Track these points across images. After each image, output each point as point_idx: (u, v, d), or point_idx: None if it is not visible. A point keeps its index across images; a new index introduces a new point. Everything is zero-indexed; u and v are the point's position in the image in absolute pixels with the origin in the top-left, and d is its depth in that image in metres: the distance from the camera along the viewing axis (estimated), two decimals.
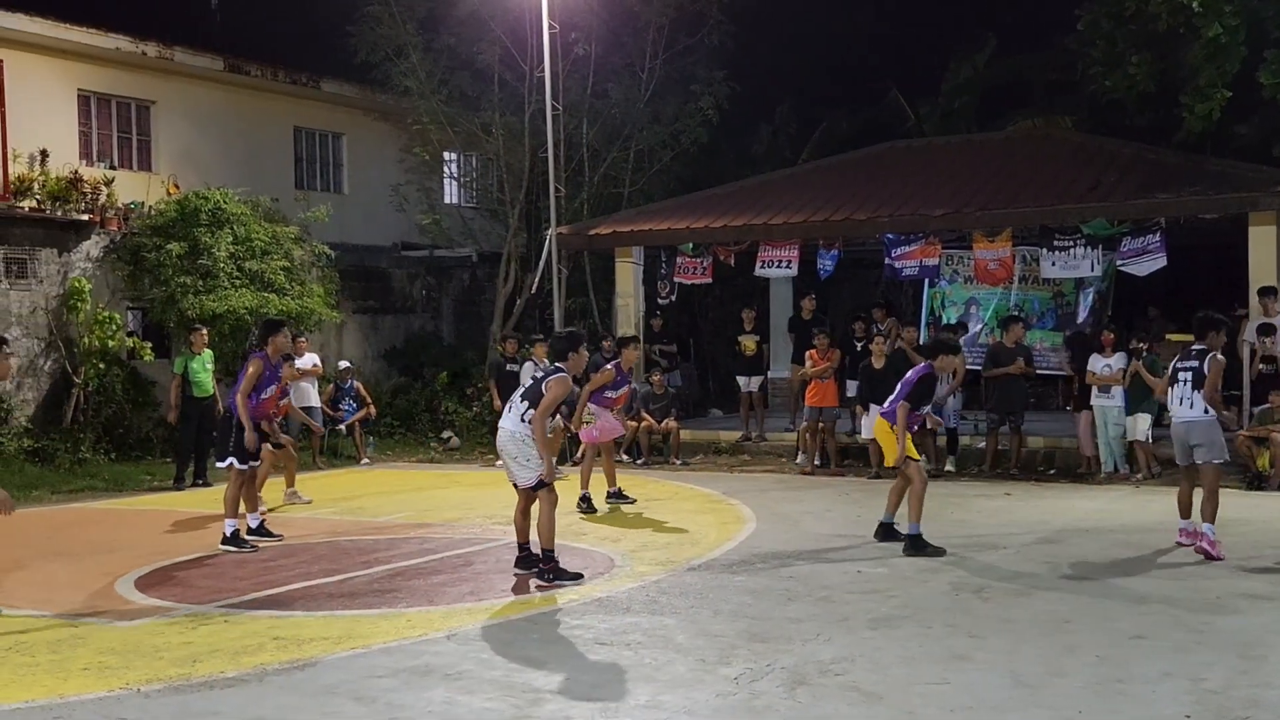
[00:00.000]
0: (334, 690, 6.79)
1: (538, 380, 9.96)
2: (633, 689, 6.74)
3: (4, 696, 6.73)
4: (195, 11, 27.52)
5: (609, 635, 7.89)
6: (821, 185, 20.02)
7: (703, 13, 23.11)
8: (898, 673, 6.98)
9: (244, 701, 6.62)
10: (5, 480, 15.44)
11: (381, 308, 23.95)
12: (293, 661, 7.35)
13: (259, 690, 6.83)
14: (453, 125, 23.25)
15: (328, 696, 6.69)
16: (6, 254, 18.11)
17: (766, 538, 11.61)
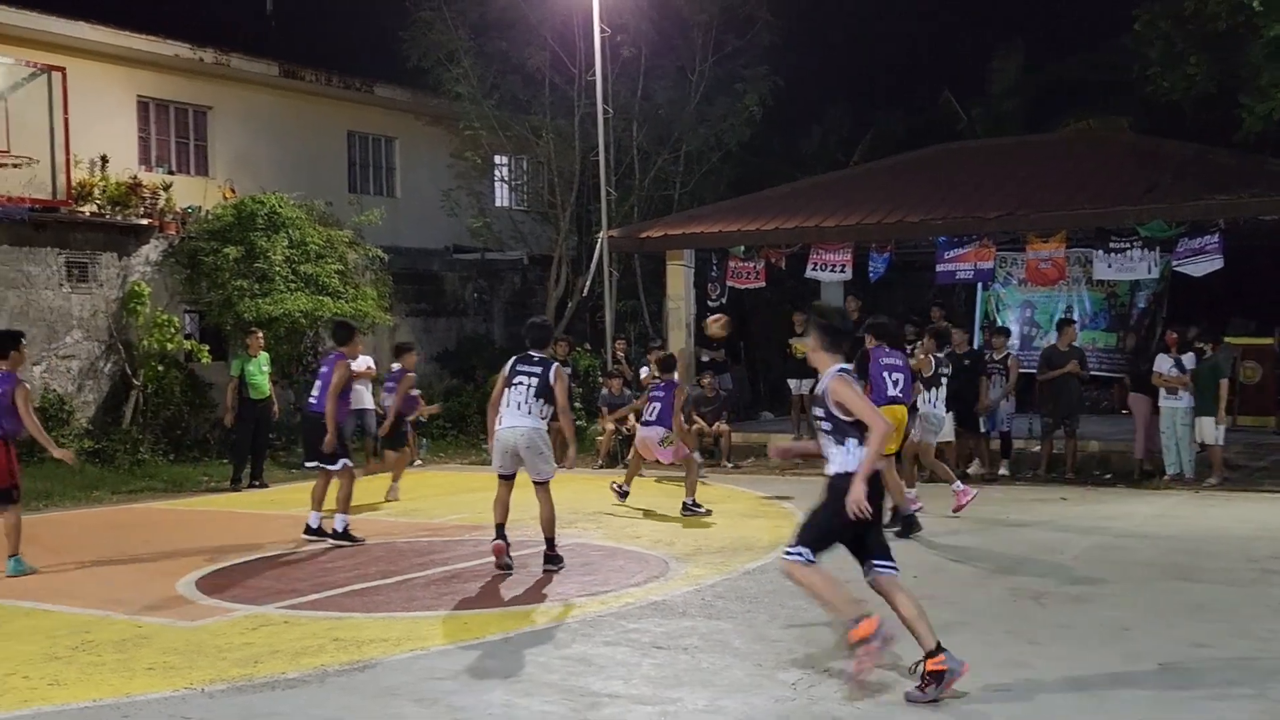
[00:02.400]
0: (394, 692, 6.85)
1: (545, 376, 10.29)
2: (690, 693, 6.75)
3: (73, 695, 6.84)
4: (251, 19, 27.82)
5: (665, 639, 7.90)
6: (873, 187, 19.94)
7: (752, 14, 23.09)
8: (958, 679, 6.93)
9: (306, 702, 6.69)
10: (66, 480, 15.80)
11: (434, 310, 24.11)
12: (353, 663, 7.42)
13: (320, 691, 6.90)
14: (503, 129, 23.37)
15: (388, 698, 6.75)
16: (68, 258, 18.39)
17: None
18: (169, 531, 12.98)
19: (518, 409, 10.27)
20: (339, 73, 23.70)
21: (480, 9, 22.90)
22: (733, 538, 11.86)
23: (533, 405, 10.26)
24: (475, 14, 22.93)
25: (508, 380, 10.38)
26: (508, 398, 10.34)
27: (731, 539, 11.78)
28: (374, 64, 24.84)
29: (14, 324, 17.62)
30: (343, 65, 24.13)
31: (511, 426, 10.28)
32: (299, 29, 27.34)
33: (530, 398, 10.27)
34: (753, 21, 23.17)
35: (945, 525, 12.45)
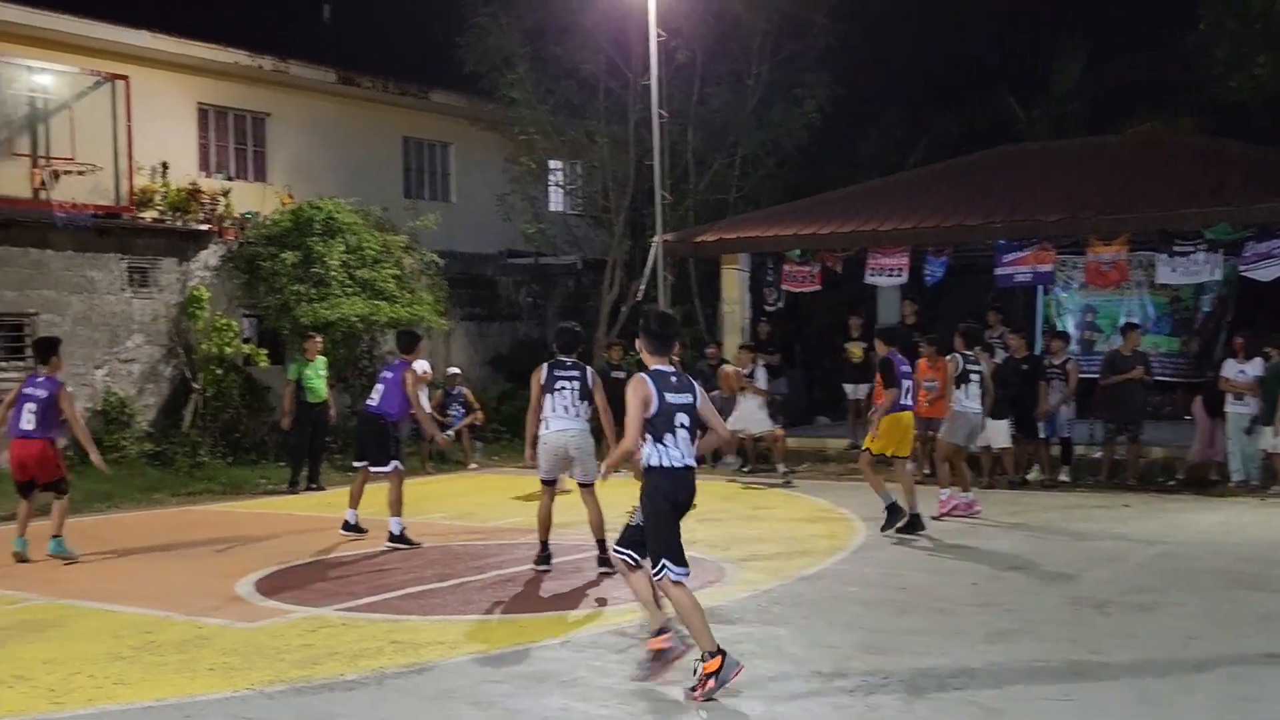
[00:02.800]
0: (452, 695, 6.85)
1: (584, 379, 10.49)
2: (747, 699, 6.70)
3: (137, 694, 6.91)
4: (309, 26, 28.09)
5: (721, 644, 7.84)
6: (931, 190, 19.80)
7: (809, 18, 22.99)
8: (1018, 688, 6.85)
9: (364, 705, 6.71)
10: (127, 482, 16.00)
11: (488, 315, 24.19)
12: (410, 665, 7.43)
13: (378, 693, 6.92)
14: (558, 134, 23.42)
15: (446, 700, 6.75)
16: (130, 263, 18.64)
17: (878, 548, 11.50)
18: (228, 533, 13.09)
19: (565, 412, 10.41)
20: (395, 79, 23.86)
21: (536, 14, 22.97)
22: (789, 543, 11.79)
23: (579, 408, 10.46)
24: (531, 19, 23.00)
25: (548, 387, 10.43)
26: (552, 403, 10.41)
27: (787, 544, 11.71)
28: (430, 70, 25.02)
29: (77, 328, 17.92)
30: (399, 71, 24.31)
31: (562, 429, 10.40)
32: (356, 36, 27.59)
33: (575, 400, 10.43)
34: (810, 25, 23.08)
35: (1004, 531, 12.33)
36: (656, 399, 6.93)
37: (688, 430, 7.00)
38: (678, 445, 6.96)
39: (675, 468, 6.97)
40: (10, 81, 14.53)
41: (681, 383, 7.11)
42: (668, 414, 6.94)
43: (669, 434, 6.93)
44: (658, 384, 6.97)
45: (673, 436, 6.94)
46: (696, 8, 22.34)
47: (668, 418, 6.93)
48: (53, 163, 14.67)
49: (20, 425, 11.28)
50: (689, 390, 7.10)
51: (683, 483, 7.02)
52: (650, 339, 7.21)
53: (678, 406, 6.99)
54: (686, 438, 7.00)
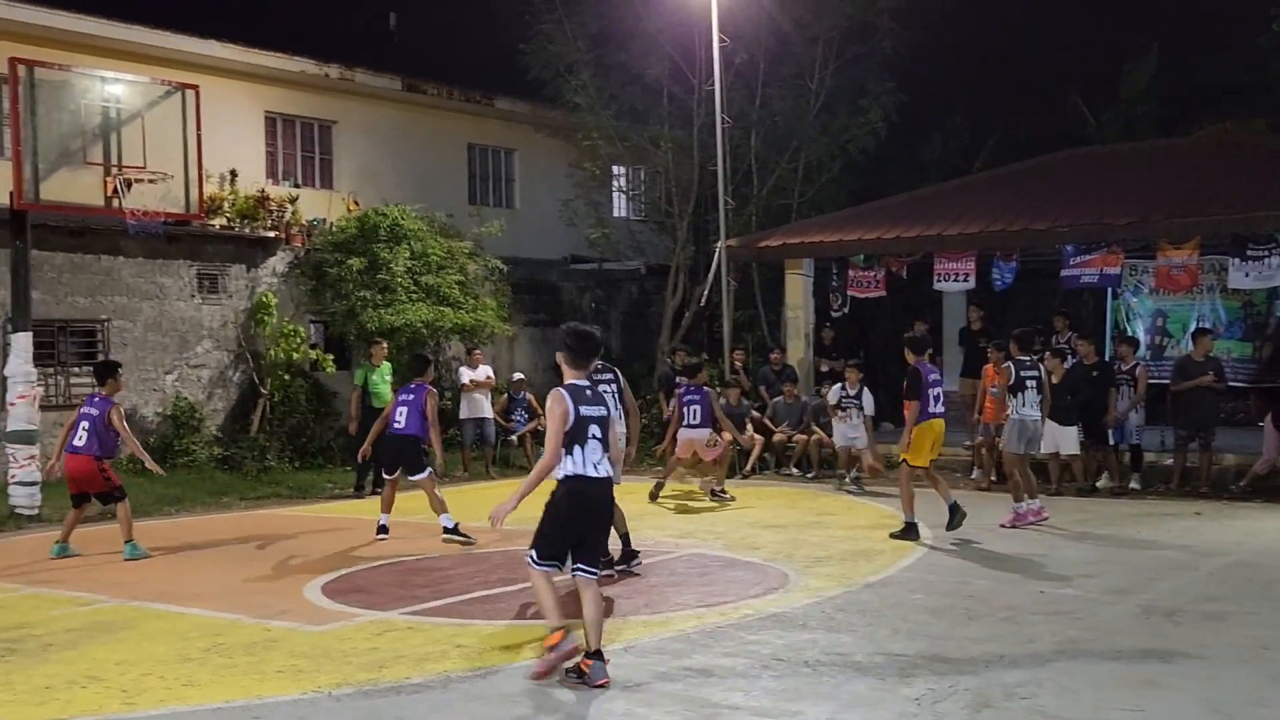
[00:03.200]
0: (516, 699, 6.88)
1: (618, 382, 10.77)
2: (812, 707, 6.67)
3: (206, 696, 7.00)
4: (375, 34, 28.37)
5: (786, 651, 7.82)
6: (997, 194, 19.61)
7: (873, 22, 22.87)
8: (1087, 698, 6.76)
9: (429, 708, 6.75)
10: (196, 486, 16.22)
11: (552, 320, 24.26)
12: (476, 669, 7.47)
13: (444, 697, 6.96)
14: (622, 140, 23.47)
15: (510, 705, 6.78)
16: (199, 270, 18.91)
17: (944, 555, 11.41)
18: (295, 537, 13.22)
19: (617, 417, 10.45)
20: (460, 86, 24.05)
21: (600, 21, 23.05)
22: (854, 550, 11.72)
23: (619, 413, 10.55)
24: (595, 26, 23.08)
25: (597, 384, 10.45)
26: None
27: (852, 551, 11.64)
28: (494, 77, 25.18)
29: (148, 334, 18.21)
30: (464, 78, 24.50)
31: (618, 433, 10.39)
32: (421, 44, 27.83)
33: (615, 405, 10.46)
34: (874, 29, 22.95)
35: (1073, 539, 12.19)
36: (572, 412, 7.24)
37: (599, 441, 7.32)
38: (586, 456, 7.30)
39: (585, 476, 7.29)
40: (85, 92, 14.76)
41: (595, 396, 7.48)
42: (581, 426, 7.27)
43: (579, 445, 7.28)
44: (573, 397, 7.30)
45: (582, 449, 7.29)
46: (760, 13, 22.29)
47: (580, 429, 7.26)
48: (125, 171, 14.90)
49: (74, 441, 12.10)
50: (601, 403, 7.47)
51: (589, 492, 7.34)
52: (570, 354, 7.50)
53: (590, 419, 7.32)
54: (597, 448, 7.32)
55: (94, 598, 9.93)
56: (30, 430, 14.57)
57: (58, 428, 17.00)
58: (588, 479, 7.31)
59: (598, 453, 7.33)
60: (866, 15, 22.82)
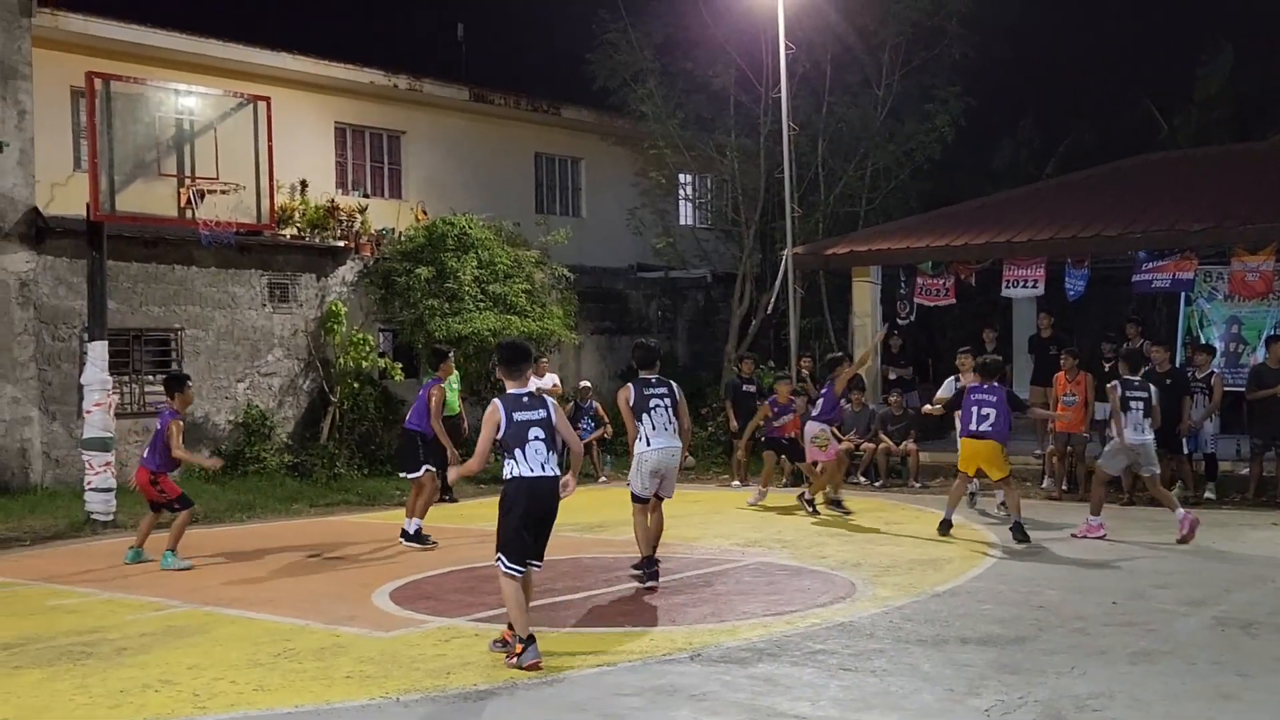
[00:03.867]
0: (582, 707, 6.88)
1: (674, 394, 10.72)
2: (879, 716, 6.60)
3: (276, 700, 7.07)
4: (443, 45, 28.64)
5: (853, 661, 7.76)
6: (1068, 200, 19.39)
7: (941, 27, 22.70)
8: (1160, 710, 6.64)
9: (496, 715, 6.77)
10: (267, 493, 16.41)
11: (618, 328, 24.31)
12: (542, 677, 7.48)
13: (510, 704, 6.97)
14: (688, 148, 23.48)
15: (576, 713, 6.78)
16: (270, 279, 19.16)
17: (1013, 565, 11.27)
18: (364, 543, 13.34)
19: (665, 429, 10.53)
20: (527, 95, 24.19)
21: (666, 30, 23.10)
22: (921, 559, 11.61)
23: (675, 424, 10.61)
24: (661, 35, 23.14)
25: (642, 406, 10.52)
26: (651, 421, 10.49)
27: (920, 560, 11.54)
28: (561, 86, 25.35)
29: (220, 343, 18.47)
30: (530, 88, 24.66)
31: (665, 446, 10.51)
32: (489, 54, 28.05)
33: (671, 417, 10.57)
34: (942, 35, 22.78)
35: (1148, 550, 11.99)
36: (505, 420, 7.78)
37: (542, 442, 7.82)
38: (528, 458, 7.77)
39: (526, 477, 7.77)
40: (159, 104, 15.02)
41: (532, 402, 7.94)
42: (519, 430, 7.79)
43: (519, 449, 7.78)
44: (507, 406, 7.84)
45: (522, 451, 7.78)
46: (827, 20, 22.22)
47: (519, 434, 7.78)
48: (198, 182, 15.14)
49: (143, 452, 12.49)
50: (541, 407, 7.93)
51: (536, 491, 7.80)
52: (503, 366, 8.15)
53: (529, 422, 7.84)
54: (541, 449, 7.80)
55: (167, 602, 10.07)
56: (106, 437, 14.82)
57: (133, 435, 17.39)
58: (535, 479, 7.79)
59: (542, 453, 7.81)
60: (933, 21, 22.65)
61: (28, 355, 16.79)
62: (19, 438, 16.67)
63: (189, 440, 18.13)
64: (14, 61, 16.68)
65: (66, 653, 8.33)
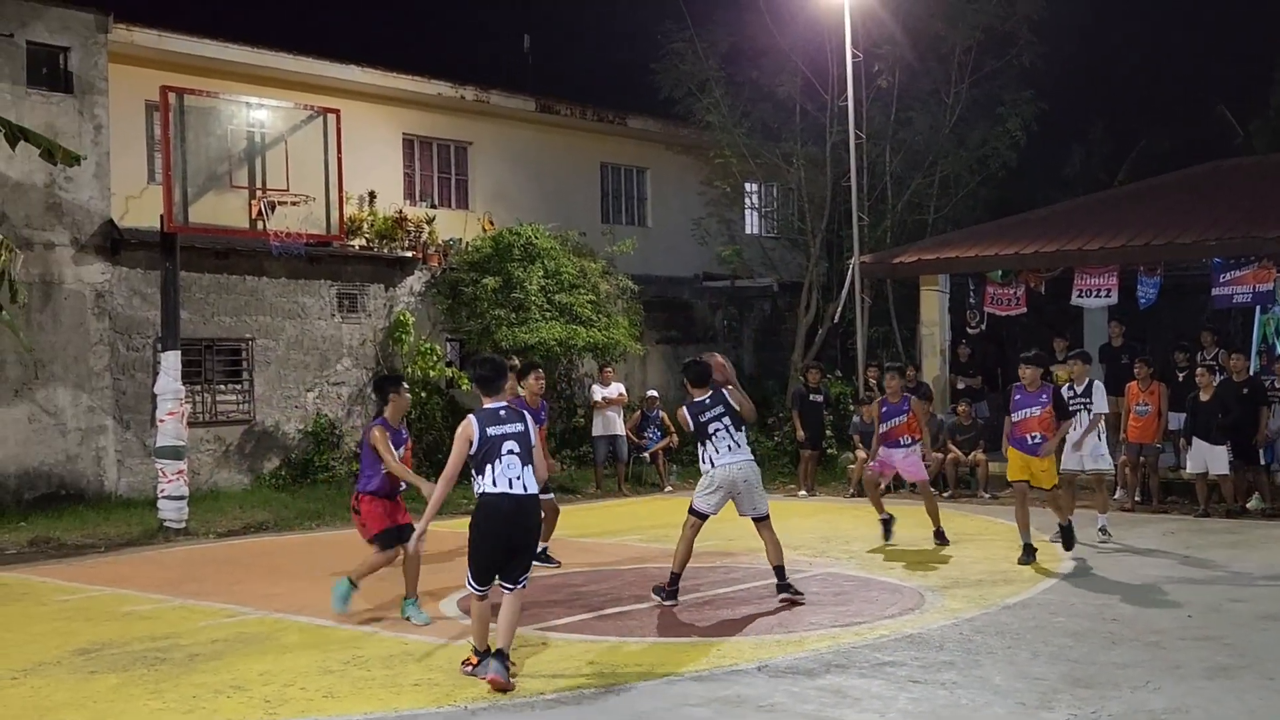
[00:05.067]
0: (648, 717, 6.86)
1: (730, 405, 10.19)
2: None
3: (345, 708, 7.12)
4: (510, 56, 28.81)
5: (922, 673, 7.68)
6: (1141, 208, 19.12)
7: (1011, 34, 22.48)
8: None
9: None
10: (335, 501, 16.53)
11: (683, 338, 24.29)
12: (608, 686, 7.48)
13: (576, 713, 6.98)
14: (754, 157, 23.43)
15: None
16: (339, 290, 19.35)
17: (1086, 577, 11.10)
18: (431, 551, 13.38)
19: (737, 445, 10.19)
20: (593, 106, 24.25)
21: (731, 39, 23.08)
22: (991, 570, 11.48)
23: (741, 435, 10.26)
24: (726, 44, 23.11)
25: (704, 434, 10.14)
26: (714, 446, 10.15)
27: (990, 572, 11.40)
28: (627, 96, 25.39)
29: (290, 352, 18.68)
30: (596, 98, 24.72)
31: (737, 461, 10.19)
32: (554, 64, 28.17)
33: (734, 429, 10.19)
34: (1012, 41, 22.55)
35: (1222, 562, 11.76)
36: (478, 436, 7.57)
37: (516, 457, 7.60)
38: (497, 475, 7.57)
39: (492, 493, 7.58)
40: (231, 117, 15.24)
41: (509, 415, 7.74)
42: (493, 445, 7.58)
43: (490, 464, 7.57)
44: (482, 421, 7.63)
45: (493, 466, 7.57)
46: (894, 27, 22.09)
47: (492, 448, 7.57)
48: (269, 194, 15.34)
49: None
50: (519, 421, 7.73)
51: (504, 509, 7.56)
52: (479, 383, 7.95)
53: (504, 436, 7.60)
54: (514, 464, 7.59)
55: (238, 609, 10.19)
56: (178, 446, 15.03)
57: (204, 444, 17.62)
58: (502, 495, 7.54)
59: (515, 468, 7.57)
60: (1004, 27, 22.43)
61: (103, 365, 17.08)
62: (94, 446, 16.95)
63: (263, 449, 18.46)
64: (90, 77, 16.99)
65: (141, 658, 8.45)
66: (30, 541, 14.35)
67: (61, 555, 13.70)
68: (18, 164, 15.99)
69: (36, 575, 12.28)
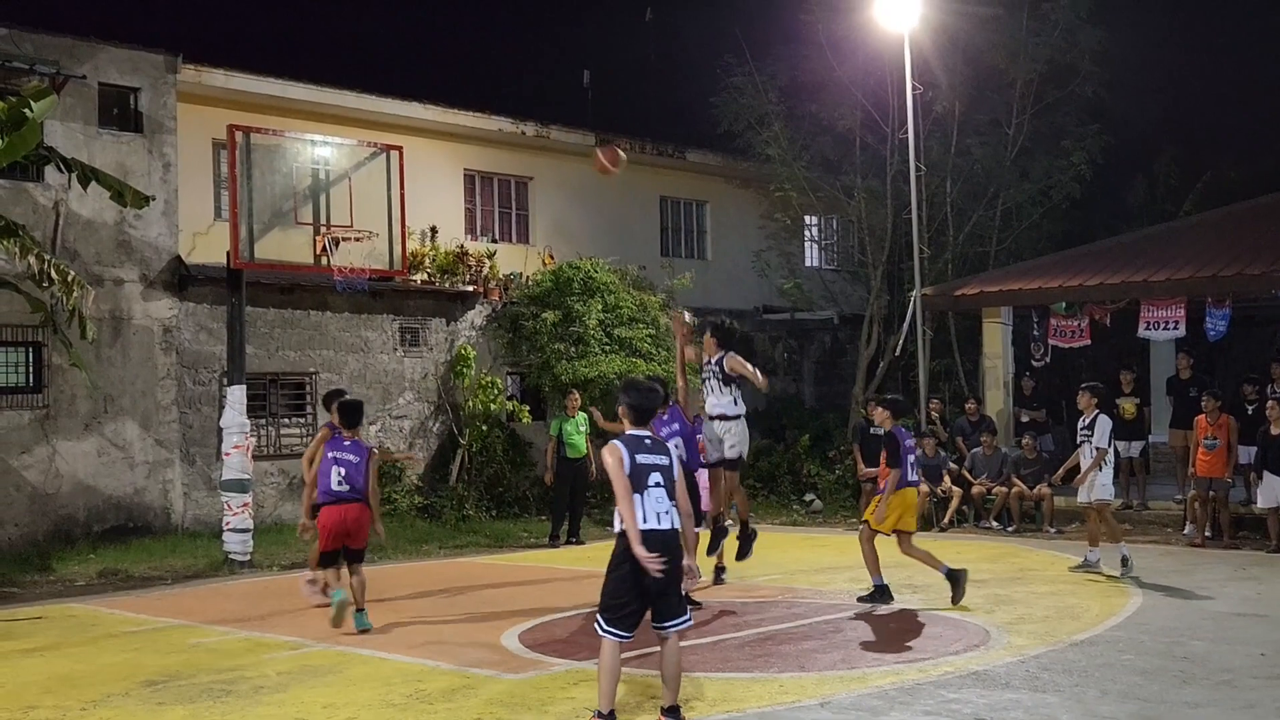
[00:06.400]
0: None
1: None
2: None
3: None
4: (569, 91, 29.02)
5: (988, 710, 7.58)
6: (1208, 238, 18.86)
7: (1073, 64, 22.31)
8: None
9: None
10: (396, 534, 16.62)
11: None
12: None
13: None
14: (814, 190, 23.41)
15: None
16: (401, 324, 19.52)
17: (1155, 614, 10.91)
18: (492, 585, 13.44)
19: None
20: (652, 140, 24.34)
21: (791, 72, 23.10)
22: (1058, 607, 11.31)
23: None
24: (785, 77, 23.14)
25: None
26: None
27: (1056, 608, 11.24)
28: (686, 130, 25.47)
29: (353, 386, 18.82)
30: (655, 133, 24.81)
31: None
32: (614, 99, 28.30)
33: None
34: (1074, 72, 22.38)
35: None
36: (628, 462, 7.11)
37: (663, 490, 7.15)
38: (647, 506, 7.09)
39: (643, 530, 7.05)
40: (296, 155, 15.48)
41: (655, 446, 7.32)
42: (640, 474, 7.14)
43: (637, 495, 7.10)
44: (630, 448, 7.19)
45: (642, 498, 7.10)
46: (954, 59, 22.02)
47: (639, 478, 7.13)
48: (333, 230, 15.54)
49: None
50: (664, 453, 7.29)
51: (651, 545, 7.04)
52: (633, 410, 7.44)
53: (651, 467, 7.17)
54: (661, 498, 7.12)
55: (302, 642, 10.25)
56: (243, 479, 15.18)
57: (269, 477, 17.79)
58: (651, 532, 7.08)
59: (663, 502, 7.15)
60: (1066, 58, 22.27)
61: (170, 399, 17.32)
62: (161, 479, 17.18)
63: None
64: (160, 117, 17.32)
65: (208, 690, 8.52)
66: (99, 573, 14.56)
67: (129, 587, 13.88)
68: (89, 202, 16.32)
69: (105, 607, 12.44)
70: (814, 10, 22.38)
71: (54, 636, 10.83)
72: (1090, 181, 23.06)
